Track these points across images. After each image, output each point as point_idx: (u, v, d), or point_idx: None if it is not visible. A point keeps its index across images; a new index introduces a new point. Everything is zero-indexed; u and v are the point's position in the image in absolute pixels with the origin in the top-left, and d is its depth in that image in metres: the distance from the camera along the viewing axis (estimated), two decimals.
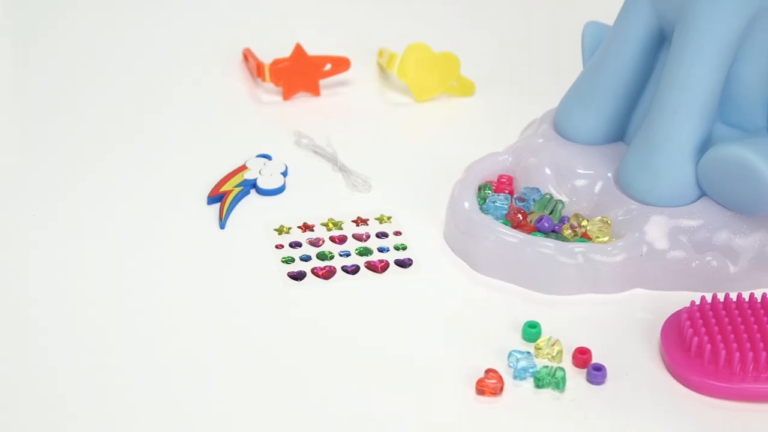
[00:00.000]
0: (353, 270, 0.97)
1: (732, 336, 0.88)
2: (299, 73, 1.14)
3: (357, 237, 1.00)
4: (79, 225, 1.01)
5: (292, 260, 0.98)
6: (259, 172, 1.05)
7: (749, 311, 0.90)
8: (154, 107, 1.15)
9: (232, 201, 1.02)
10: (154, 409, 0.86)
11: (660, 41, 0.99)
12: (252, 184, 1.04)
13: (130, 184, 1.05)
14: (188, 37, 1.24)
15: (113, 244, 0.99)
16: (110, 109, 1.14)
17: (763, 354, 0.87)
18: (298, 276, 0.96)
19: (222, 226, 1.01)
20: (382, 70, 1.19)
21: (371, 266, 0.98)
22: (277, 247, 0.99)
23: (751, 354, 0.87)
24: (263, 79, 1.15)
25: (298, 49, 1.14)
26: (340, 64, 1.16)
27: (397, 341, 0.92)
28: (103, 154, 1.08)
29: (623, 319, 0.94)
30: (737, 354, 0.87)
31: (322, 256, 0.98)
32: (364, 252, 0.99)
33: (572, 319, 0.94)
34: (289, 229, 1.01)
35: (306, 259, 0.98)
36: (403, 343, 0.92)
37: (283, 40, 1.18)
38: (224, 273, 0.97)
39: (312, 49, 1.16)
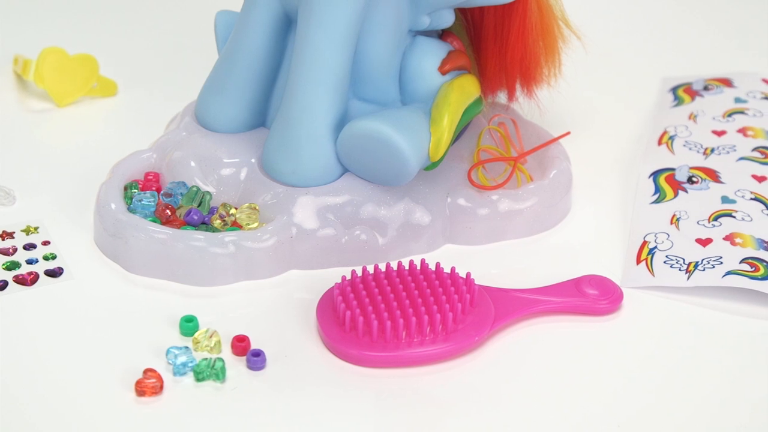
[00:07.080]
0: (1, 286, 0.94)
1: (383, 306, 0.90)
2: None
3: (3, 252, 0.97)
4: None
5: None
6: None
7: (398, 279, 0.92)
8: None
9: None
10: None
11: (287, 25, 1.00)
12: None
13: None
14: None
15: None
16: None
17: (413, 319, 0.89)
18: None
19: None
20: (19, 78, 1.16)
21: (20, 280, 0.95)
22: None
23: (401, 321, 0.89)
24: None
25: None
26: None
27: (53, 352, 0.90)
28: None
29: (281, 302, 0.95)
30: (388, 323, 0.89)
31: None
32: (12, 266, 0.96)
33: (230, 308, 0.94)
34: None
35: None
36: (59, 353, 0.90)
37: None
38: None
39: None
